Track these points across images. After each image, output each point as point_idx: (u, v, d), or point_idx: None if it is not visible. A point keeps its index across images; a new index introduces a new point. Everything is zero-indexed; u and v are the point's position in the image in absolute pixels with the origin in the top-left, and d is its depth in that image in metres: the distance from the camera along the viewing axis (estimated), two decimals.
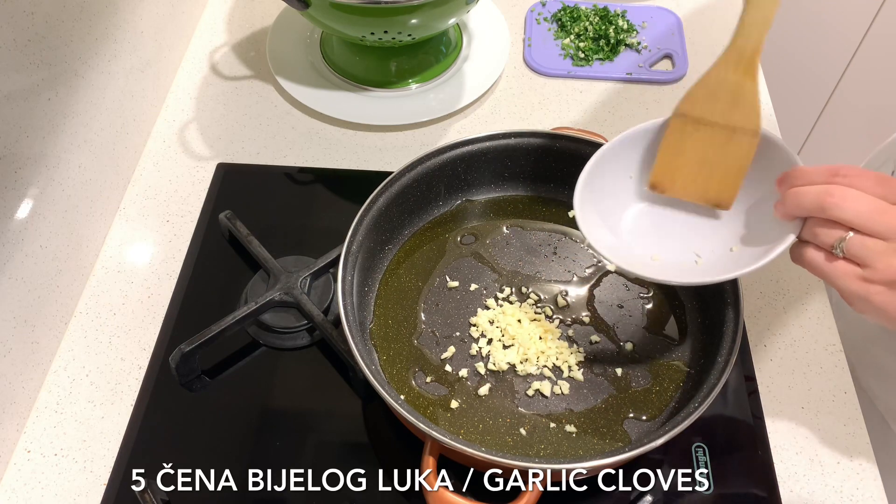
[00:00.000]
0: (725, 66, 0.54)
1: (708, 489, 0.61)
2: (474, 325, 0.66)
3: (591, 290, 0.69)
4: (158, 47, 0.87)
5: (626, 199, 0.61)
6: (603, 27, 0.97)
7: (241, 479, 0.61)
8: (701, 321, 0.65)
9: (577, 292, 0.69)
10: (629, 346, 0.65)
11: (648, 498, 0.61)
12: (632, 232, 0.60)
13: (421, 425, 0.53)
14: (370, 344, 0.65)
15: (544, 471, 0.52)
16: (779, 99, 0.99)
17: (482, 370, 0.64)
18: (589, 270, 0.70)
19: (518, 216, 0.73)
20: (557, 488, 0.58)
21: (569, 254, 0.71)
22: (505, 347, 0.65)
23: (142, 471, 0.61)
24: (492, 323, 0.66)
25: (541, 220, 0.73)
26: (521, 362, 0.64)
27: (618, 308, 0.68)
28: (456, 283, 0.68)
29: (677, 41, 0.98)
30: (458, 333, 0.66)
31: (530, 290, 0.68)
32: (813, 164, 0.51)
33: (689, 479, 0.62)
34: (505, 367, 0.63)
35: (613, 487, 0.61)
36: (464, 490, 0.60)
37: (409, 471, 0.60)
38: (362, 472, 0.62)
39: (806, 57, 1.52)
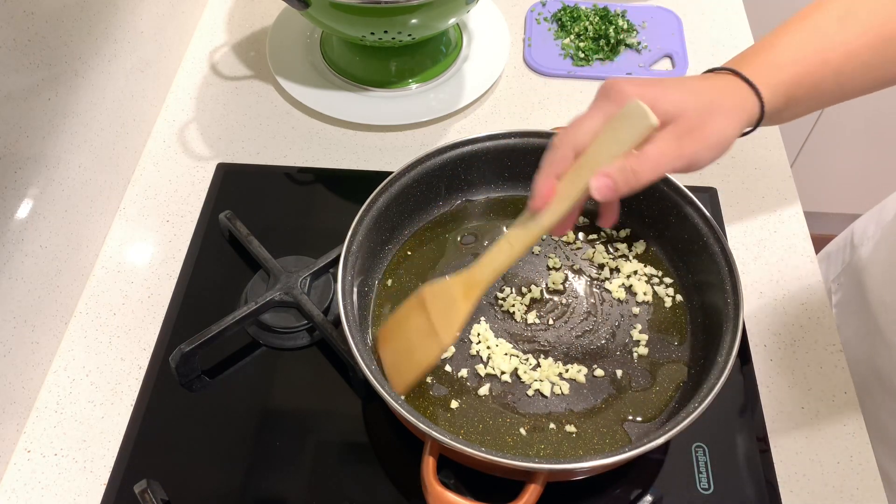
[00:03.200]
0: (458, 280, 0.60)
1: (708, 489, 0.61)
2: (476, 333, 0.66)
3: (591, 290, 0.69)
4: (158, 47, 0.87)
5: None
6: (603, 27, 0.97)
7: (241, 479, 0.61)
8: (701, 321, 0.65)
9: (577, 292, 0.69)
10: (629, 346, 0.65)
11: (648, 498, 0.61)
12: None
13: (421, 425, 0.53)
14: (370, 344, 0.65)
15: (544, 471, 0.52)
16: None
17: (482, 371, 0.63)
18: (589, 270, 0.70)
19: (518, 216, 0.73)
20: (557, 488, 0.58)
21: (568, 254, 0.71)
22: (505, 354, 0.65)
23: (142, 471, 0.61)
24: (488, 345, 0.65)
25: None
26: (522, 371, 0.64)
27: (618, 308, 0.68)
28: None
29: (677, 41, 0.98)
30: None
31: (530, 290, 0.68)
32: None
33: (689, 479, 0.62)
34: (507, 370, 0.63)
35: (613, 487, 0.62)
36: (464, 490, 0.60)
37: (408, 471, 0.60)
38: (362, 472, 0.62)
39: None
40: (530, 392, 0.62)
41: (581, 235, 0.72)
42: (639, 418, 0.61)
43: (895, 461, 0.72)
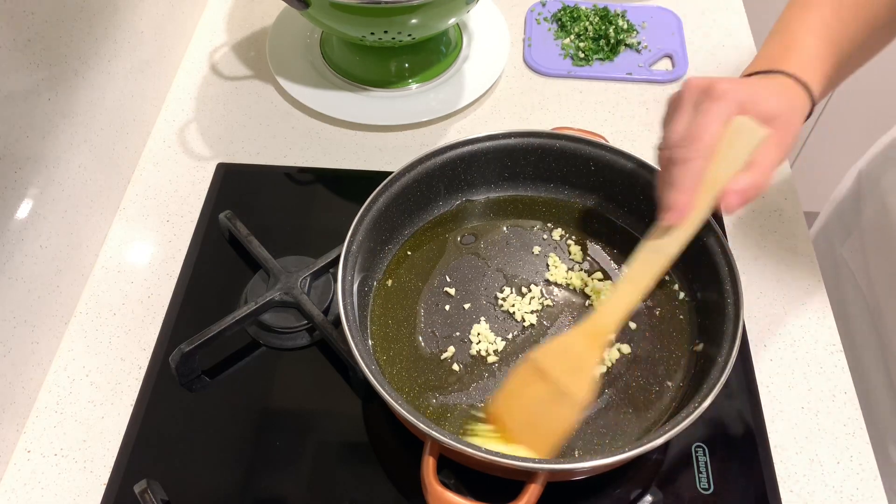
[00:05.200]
0: (579, 334, 0.57)
1: (708, 489, 0.61)
2: (476, 333, 0.66)
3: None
4: (158, 47, 0.87)
5: None
6: (603, 27, 0.97)
7: (241, 479, 0.61)
8: (701, 321, 0.65)
9: (577, 292, 0.69)
10: (628, 346, 0.65)
11: (648, 498, 0.61)
12: None
13: (421, 425, 0.53)
14: (370, 344, 0.65)
15: (544, 471, 0.52)
16: None
17: (482, 371, 0.63)
18: (589, 271, 0.70)
19: (518, 216, 0.73)
20: (557, 488, 0.58)
21: (568, 254, 0.71)
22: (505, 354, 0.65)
23: (142, 471, 0.61)
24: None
25: (541, 220, 0.73)
26: None
27: None
28: (453, 290, 0.68)
29: (677, 41, 0.98)
30: (458, 333, 0.66)
31: (530, 290, 0.68)
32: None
33: (689, 479, 0.62)
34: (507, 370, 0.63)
35: (613, 487, 0.61)
36: (464, 490, 0.60)
37: (408, 471, 0.60)
38: (362, 472, 0.62)
39: None
40: None
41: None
42: (641, 418, 0.61)
43: None
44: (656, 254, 0.55)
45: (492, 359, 0.64)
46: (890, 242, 0.80)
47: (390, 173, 0.67)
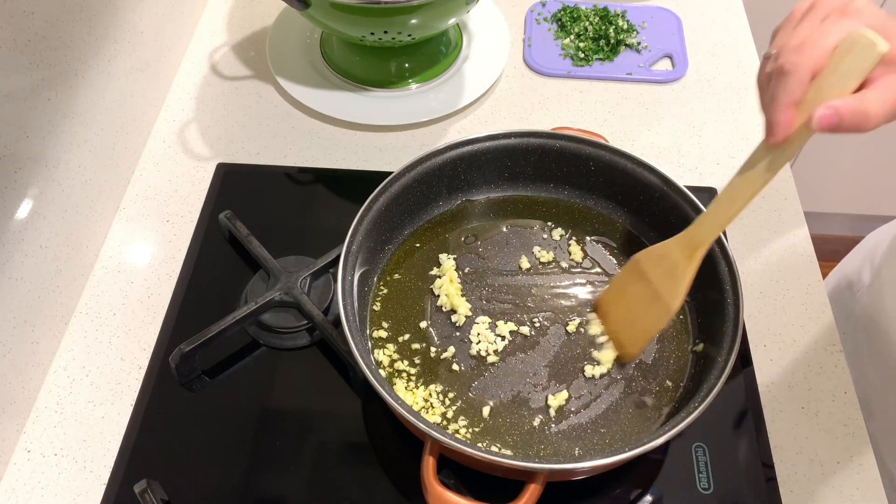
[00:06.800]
0: (677, 243, 0.60)
1: (708, 489, 0.61)
2: (476, 333, 0.66)
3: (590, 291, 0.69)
4: (158, 47, 0.87)
5: None
6: (603, 27, 0.97)
7: (241, 479, 0.61)
8: (701, 321, 0.65)
9: (576, 292, 0.69)
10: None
11: (648, 498, 0.61)
12: None
13: (421, 425, 0.53)
14: (370, 344, 0.65)
15: (544, 471, 0.52)
16: None
17: (482, 371, 0.63)
18: (589, 270, 0.70)
19: (518, 216, 0.73)
20: (557, 488, 0.58)
21: (569, 254, 0.71)
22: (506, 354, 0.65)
23: (142, 471, 0.61)
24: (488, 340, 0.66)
25: (541, 220, 0.73)
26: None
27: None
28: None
29: (677, 41, 0.98)
30: (458, 333, 0.66)
31: (530, 289, 0.68)
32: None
33: (689, 479, 0.62)
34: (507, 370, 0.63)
35: (613, 487, 0.62)
36: (464, 490, 0.60)
37: (408, 471, 0.60)
38: (362, 472, 0.62)
39: None
40: (530, 392, 0.62)
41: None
42: (641, 418, 0.61)
43: None
44: (757, 173, 0.53)
45: (492, 359, 0.64)
46: (881, 336, 0.78)
47: (390, 173, 0.67)
